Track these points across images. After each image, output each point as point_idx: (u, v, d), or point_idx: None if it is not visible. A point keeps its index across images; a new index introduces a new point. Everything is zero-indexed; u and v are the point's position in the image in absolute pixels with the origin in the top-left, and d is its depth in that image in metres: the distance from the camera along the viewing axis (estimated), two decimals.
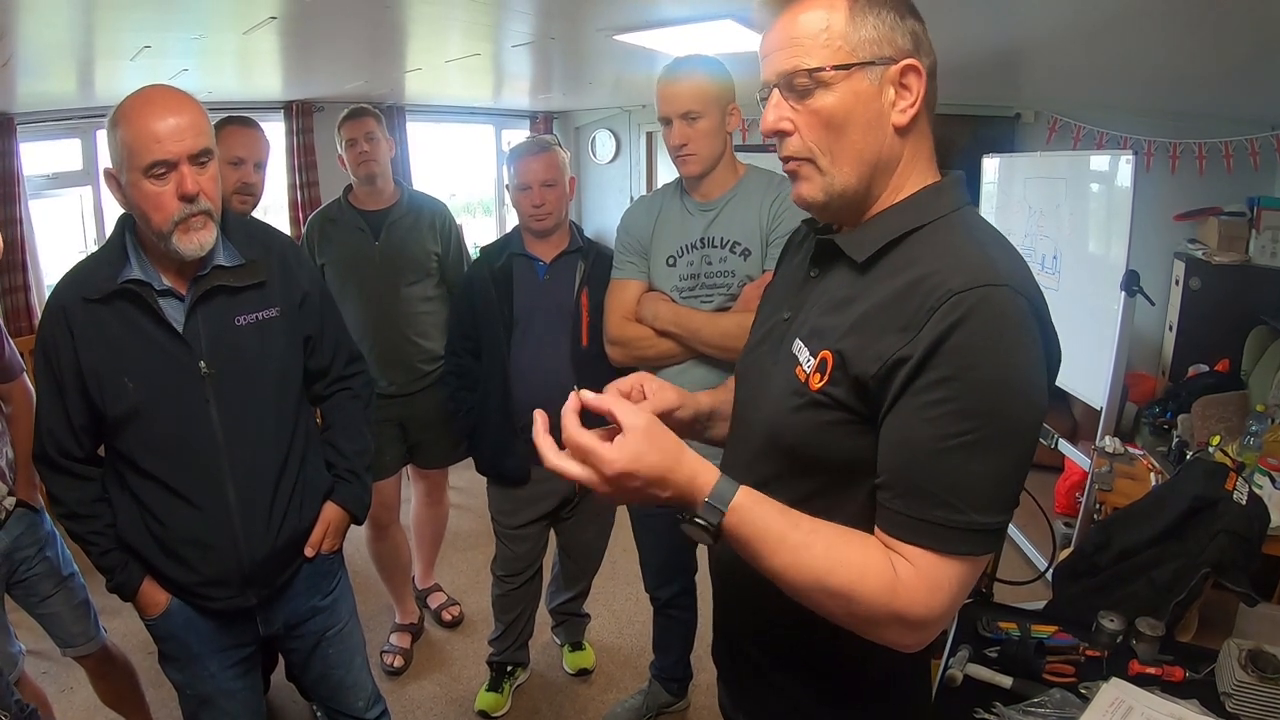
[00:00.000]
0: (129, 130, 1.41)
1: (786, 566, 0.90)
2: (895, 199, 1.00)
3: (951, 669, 1.64)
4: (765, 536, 0.90)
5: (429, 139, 6.12)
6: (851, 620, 0.90)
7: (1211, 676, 1.64)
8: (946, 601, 0.88)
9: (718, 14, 2.64)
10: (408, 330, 2.80)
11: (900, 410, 0.88)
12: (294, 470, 1.68)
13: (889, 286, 0.93)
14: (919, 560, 0.87)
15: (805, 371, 0.98)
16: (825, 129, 0.96)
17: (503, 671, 2.80)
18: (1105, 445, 3.16)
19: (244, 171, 2.30)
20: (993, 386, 0.85)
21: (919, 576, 0.87)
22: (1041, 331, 0.89)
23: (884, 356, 0.88)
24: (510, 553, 2.61)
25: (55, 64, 3.08)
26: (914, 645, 0.91)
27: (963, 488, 0.86)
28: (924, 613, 0.87)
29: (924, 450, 0.86)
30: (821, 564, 0.89)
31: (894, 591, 0.87)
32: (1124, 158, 3.16)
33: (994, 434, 0.85)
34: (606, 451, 0.89)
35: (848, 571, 0.88)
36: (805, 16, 0.95)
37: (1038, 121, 4.92)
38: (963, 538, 0.86)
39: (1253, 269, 4.29)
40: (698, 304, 2.05)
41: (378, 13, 2.64)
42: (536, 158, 2.30)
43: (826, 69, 0.93)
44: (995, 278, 0.86)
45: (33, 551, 2.02)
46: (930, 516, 0.86)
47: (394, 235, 2.76)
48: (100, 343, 1.51)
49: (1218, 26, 2.54)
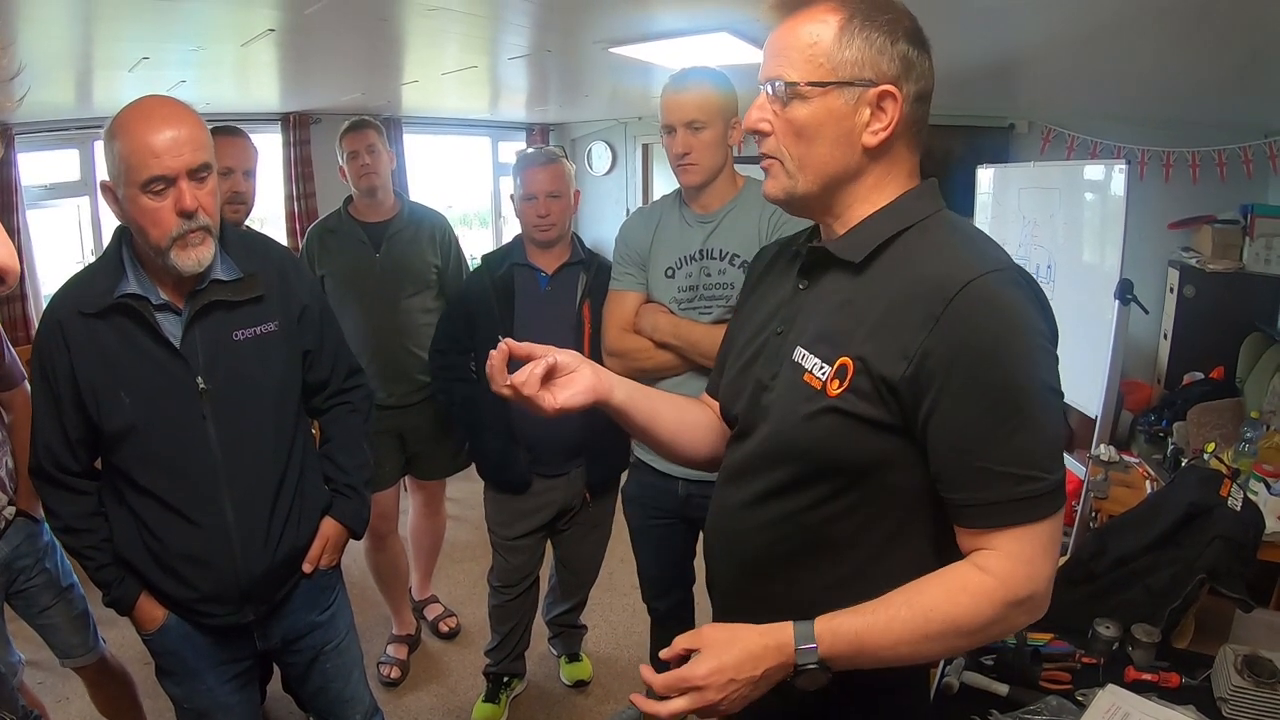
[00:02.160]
0: (127, 144, 1.39)
1: (896, 644, 0.95)
2: (874, 207, 1.05)
3: (948, 677, 1.65)
4: (863, 638, 0.95)
5: (425, 151, 6.14)
6: (979, 638, 0.97)
7: (1208, 682, 1.65)
8: (1045, 565, 0.95)
9: (713, 27, 2.65)
10: (407, 342, 2.80)
11: (946, 414, 0.93)
12: (292, 486, 1.67)
13: (892, 286, 0.98)
14: (1007, 544, 0.93)
15: (819, 378, 1.01)
16: (796, 137, 1.01)
17: (499, 682, 2.79)
18: (1100, 453, 3.17)
19: (234, 180, 2.30)
20: (1018, 369, 0.92)
21: (1011, 559, 0.93)
22: (1034, 299, 0.96)
23: (909, 354, 0.93)
24: (507, 564, 2.61)
25: (54, 74, 3.09)
26: (1035, 618, 0.97)
27: (1035, 457, 0.93)
28: (1029, 586, 0.94)
29: (990, 443, 0.93)
30: (918, 621, 0.94)
31: (990, 591, 0.93)
32: (1117, 167, 3.18)
33: (1037, 405, 0.92)
34: (696, 669, 0.96)
35: (942, 614, 0.94)
36: (800, 28, 0.99)
37: (1031, 131, 4.95)
38: (1048, 501, 0.93)
39: (1247, 276, 4.31)
40: (696, 315, 2.05)
41: (375, 26, 2.65)
42: (543, 168, 2.31)
43: (802, 84, 0.98)
44: (988, 265, 0.94)
45: (31, 562, 2.02)
46: (1017, 494, 0.92)
47: (395, 247, 2.77)
48: (96, 357, 1.49)
49: (1209, 36, 2.56)
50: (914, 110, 1.01)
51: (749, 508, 1.13)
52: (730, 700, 0.97)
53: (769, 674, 0.98)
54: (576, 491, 2.53)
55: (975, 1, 2.23)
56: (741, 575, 1.01)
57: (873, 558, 1.04)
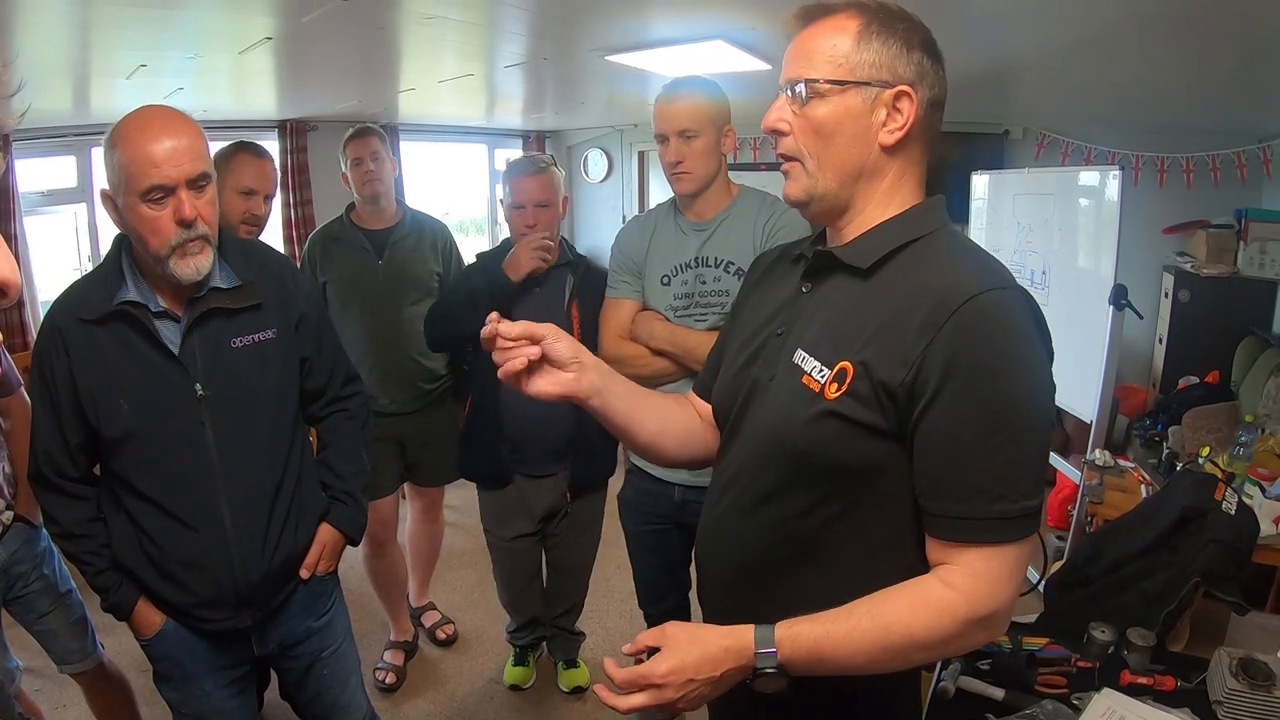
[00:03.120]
0: (126, 153, 1.40)
1: (855, 654, 0.96)
2: (884, 215, 1.07)
3: (943, 682, 1.65)
4: (822, 647, 0.97)
5: (422, 158, 6.15)
6: (938, 653, 0.98)
7: (1203, 685, 1.66)
8: (1010, 588, 0.96)
9: (709, 35, 2.67)
10: (410, 349, 2.81)
11: (935, 422, 0.94)
12: (289, 492, 1.68)
13: (896, 294, 0.99)
14: (975, 561, 0.94)
15: (817, 381, 1.02)
16: (815, 135, 1.04)
17: (526, 648, 2.97)
18: (1096, 458, 3.18)
19: (254, 203, 2.34)
20: (1014, 386, 0.93)
21: (978, 577, 0.94)
22: (1035, 320, 0.98)
23: (909, 361, 0.95)
24: (507, 566, 2.72)
25: (51, 81, 3.10)
26: (995, 638, 1.00)
27: (1016, 478, 0.94)
28: (992, 606, 0.95)
29: (974, 455, 0.94)
30: (878, 633, 0.95)
31: (953, 607, 0.94)
32: (1111, 173, 3.20)
33: (1026, 426, 0.94)
34: (657, 667, 0.98)
35: (903, 628, 0.95)
36: (820, 35, 1.04)
37: (1026, 138, 4.97)
38: (1022, 524, 0.94)
39: (1241, 280, 4.33)
40: (692, 323, 2.06)
41: (372, 33, 2.66)
42: (532, 178, 2.37)
43: (822, 81, 1.02)
44: (993, 282, 0.95)
45: (29, 568, 2.02)
46: (992, 512, 0.93)
47: (398, 254, 2.79)
48: (96, 363, 1.50)
49: (1202, 42, 2.58)
50: (928, 116, 1.05)
51: (741, 513, 1.13)
52: (688, 699, 1.00)
53: (728, 675, 1.00)
54: (562, 493, 2.59)
55: (971, 9, 2.25)
56: (731, 581, 1.03)
57: (863, 567, 1.04)
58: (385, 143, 2.79)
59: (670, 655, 0.99)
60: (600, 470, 2.63)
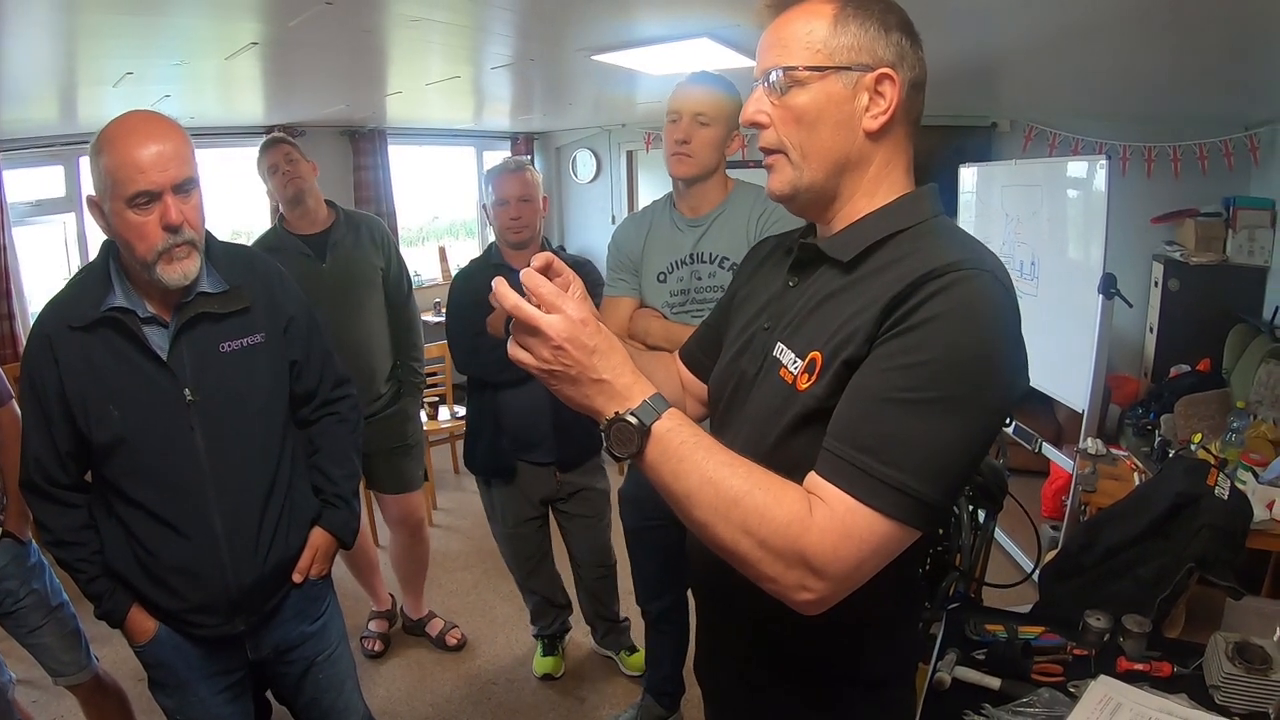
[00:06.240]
0: (112, 159, 1.40)
1: (707, 481, 0.88)
2: (871, 205, 1.04)
3: (940, 672, 1.65)
4: (685, 457, 0.89)
5: (410, 162, 6.15)
6: (758, 554, 0.88)
7: (1199, 670, 1.66)
8: (854, 555, 0.86)
9: (694, 33, 2.67)
10: (365, 353, 2.81)
11: (860, 373, 0.91)
12: (281, 496, 1.68)
13: (875, 285, 0.95)
14: (837, 505, 0.87)
15: (791, 373, 1.01)
16: (797, 124, 1.01)
17: (554, 638, 3.03)
18: (1088, 447, 3.19)
19: None
20: (952, 351, 0.87)
21: (833, 519, 0.86)
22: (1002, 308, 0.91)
23: (872, 336, 0.91)
24: (512, 550, 2.85)
25: (38, 91, 3.09)
26: (814, 602, 0.88)
27: (896, 441, 0.86)
28: (830, 558, 0.85)
29: (869, 397, 0.89)
30: (741, 484, 0.87)
31: (805, 527, 0.86)
32: (1099, 163, 3.20)
33: (943, 399, 0.86)
34: (569, 303, 0.88)
35: (764, 495, 0.87)
36: (794, 22, 1.01)
37: (1013, 130, 4.99)
38: (883, 491, 0.86)
39: (1230, 268, 4.35)
40: (688, 319, 2.07)
41: (358, 38, 2.66)
42: (514, 175, 2.49)
43: (800, 68, 0.99)
44: (970, 264, 0.90)
45: (17, 584, 2.01)
46: (856, 460, 0.87)
47: (340, 255, 2.74)
48: (85, 370, 1.50)
49: (1187, 31, 2.60)
50: (911, 98, 1.01)
51: None
52: (543, 367, 0.90)
53: (595, 386, 0.90)
54: (553, 473, 2.69)
55: (956, 1, 2.26)
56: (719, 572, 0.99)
57: None
58: (298, 149, 2.74)
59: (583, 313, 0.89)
60: (585, 447, 2.70)
